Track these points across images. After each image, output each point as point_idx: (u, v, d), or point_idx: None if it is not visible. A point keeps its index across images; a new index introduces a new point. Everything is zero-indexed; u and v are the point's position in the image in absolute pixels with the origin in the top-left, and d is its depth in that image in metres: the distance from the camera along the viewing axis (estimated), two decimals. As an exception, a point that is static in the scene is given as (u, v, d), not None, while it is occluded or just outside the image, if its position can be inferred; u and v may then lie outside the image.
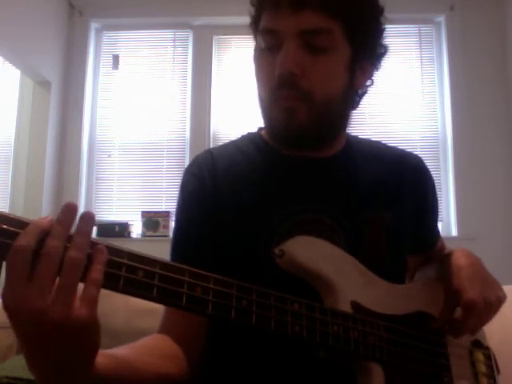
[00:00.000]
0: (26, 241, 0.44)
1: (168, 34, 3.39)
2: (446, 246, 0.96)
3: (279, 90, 0.72)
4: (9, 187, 3.07)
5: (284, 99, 0.72)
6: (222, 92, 3.27)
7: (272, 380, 0.70)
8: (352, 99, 0.79)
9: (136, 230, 3.09)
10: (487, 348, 0.79)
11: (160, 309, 0.76)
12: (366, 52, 0.76)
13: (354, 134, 0.88)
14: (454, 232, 3.03)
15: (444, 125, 3.19)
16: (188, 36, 3.36)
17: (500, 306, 0.73)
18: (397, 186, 0.82)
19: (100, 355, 0.52)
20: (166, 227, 2.97)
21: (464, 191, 3.05)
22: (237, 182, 0.78)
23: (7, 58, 2.83)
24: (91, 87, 3.32)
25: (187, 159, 3.19)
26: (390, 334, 0.66)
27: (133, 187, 3.23)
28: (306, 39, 0.70)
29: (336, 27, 0.70)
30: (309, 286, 0.66)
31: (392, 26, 3.26)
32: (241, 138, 0.87)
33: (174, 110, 3.29)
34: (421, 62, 3.26)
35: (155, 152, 3.25)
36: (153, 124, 3.27)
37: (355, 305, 0.65)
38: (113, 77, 3.35)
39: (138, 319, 1.15)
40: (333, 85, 0.74)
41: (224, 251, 0.74)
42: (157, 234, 2.99)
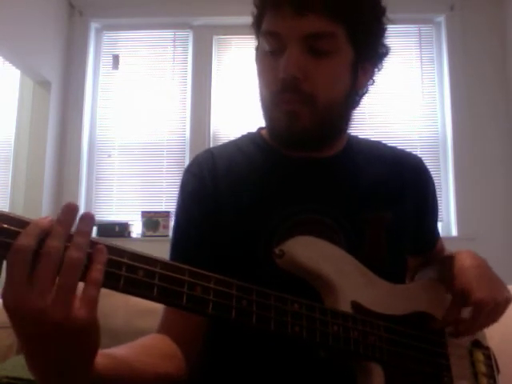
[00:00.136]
0: (27, 241, 0.44)
1: (168, 34, 3.38)
2: (446, 247, 0.96)
3: (282, 94, 0.72)
4: (9, 187, 3.07)
5: (287, 103, 0.72)
6: (222, 92, 3.26)
7: (272, 380, 0.70)
8: (354, 100, 0.79)
9: (136, 230, 3.09)
10: (487, 348, 0.79)
11: (160, 309, 0.76)
12: (368, 53, 0.76)
13: (355, 134, 0.88)
14: (454, 232, 3.03)
15: (444, 125, 3.19)
16: (188, 36, 3.36)
17: (507, 307, 0.73)
18: (397, 187, 0.82)
19: (99, 355, 0.51)
20: (166, 227, 2.97)
21: (464, 191, 3.05)
22: (237, 182, 0.78)
23: (7, 58, 2.83)
24: (91, 87, 3.32)
25: (187, 159, 3.19)
26: (390, 334, 0.66)
27: (133, 187, 3.23)
28: (310, 43, 0.69)
29: (339, 30, 0.70)
30: (309, 286, 0.66)
31: (392, 26, 3.18)
32: (241, 138, 0.87)
33: (174, 110, 3.28)
34: (421, 62, 3.25)
35: (155, 152, 3.25)
36: (153, 124, 3.27)
37: (355, 305, 0.65)
38: (113, 77, 3.35)
39: (138, 319, 1.15)
40: (336, 88, 0.73)
41: (224, 251, 0.74)
42: (157, 234, 2.99)
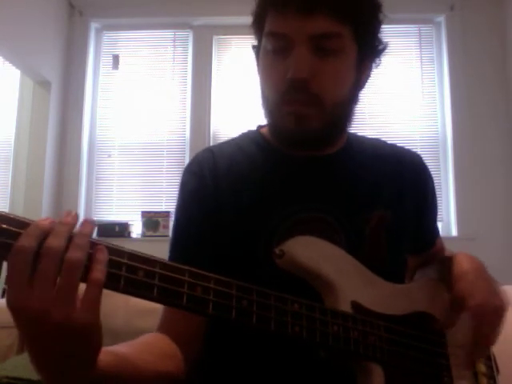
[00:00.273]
0: (28, 242, 0.44)
1: (168, 34, 3.38)
2: (446, 247, 0.96)
3: (289, 95, 0.71)
4: (9, 187, 3.07)
5: (294, 104, 0.71)
6: (222, 92, 3.26)
7: (272, 380, 0.70)
8: (356, 97, 0.79)
9: (136, 230, 3.09)
10: (487, 348, 0.79)
11: (160, 309, 0.75)
12: (370, 50, 0.77)
13: (355, 132, 0.88)
14: (454, 232, 3.03)
15: (444, 125, 3.19)
16: (188, 36, 3.35)
17: (505, 312, 0.72)
18: (397, 186, 0.82)
19: (102, 352, 0.52)
20: (166, 227, 2.97)
21: (464, 191, 3.05)
22: (238, 181, 0.77)
23: (7, 58, 2.83)
24: (91, 87, 3.32)
25: (187, 159, 3.19)
26: (390, 334, 0.66)
27: (133, 187, 3.22)
28: (316, 43, 0.69)
29: (345, 30, 0.70)
30: (309, 286, 0.66)
31: (392, 26, 3.26)
32: (241, 136, 0.87)
33: (174, 110, 3.28)
34: (421, 62, 3.25)
35: (155, 152, 3.25)
36: (153, 124, 3.26)
37: (355, 305, 0.65)
38: (113, 77, 3.35)
39: (138, 319, 1.15)
40: (342, 87, 0.74)
41: (224, 250, 0.74)
42: (157, 234, 2.99)
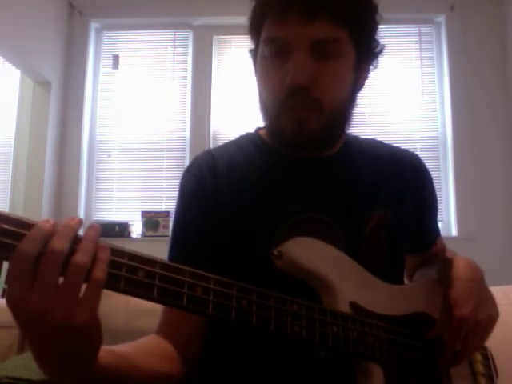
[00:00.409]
0: (32, 245, 0.44)
1: (168, 34, 3.39)
2: (448, 247, 0.96)
3: (288, 100, 0.71)
4: (9, 187, 3.07)
5: (294, 109, 0.71)
6: (222, 92, 3.26)
7: (272, 380, 0.70)
8: (355, 99, 0.79)
9: (136, 230, 3.09)
10: (485, 348, 0.79)
11: (160, 309, 0.76)
12: (368, 52, 0.77)
13: (353, 134, 0.88)
14: (454, 232, 3.03)
15: (444, 125, 3.19)
16: (188, 36, 3.36)
17: (491, 325, 0.72)
18: (397, 186, 0.82)
19: (102, 351, 0.53)
20: (166, 227, 2.97)
21: (464, 191, 3.05)
22: (237, 182, 0.78)
23: (7, 58, 2.83)
24: (91, 87, 3.32)
25: (187, 159, 3.19)
26: (390, 335, 0.66)
27: (133, 187, 3.23)
28: (315, 48, 0.69)
29: (344, 35, 0.70)
30: (309, 286, 0.66)
31: (392, 26, 3.27)
32: (240, 138, 0.87)
33: (174, 110, 3.29)
34: (421, 62, 3.25)
35: (155, 152, 3.25)
36: (153, 124, 3.27)
37: (354, 305, 0.65)
38: (113, 77, 3.35)
39: (138, 319, 1.15)
40: (341, 90, 0.74)
41: (224, 251, 0.74)
42: (157, 234, 2.99)
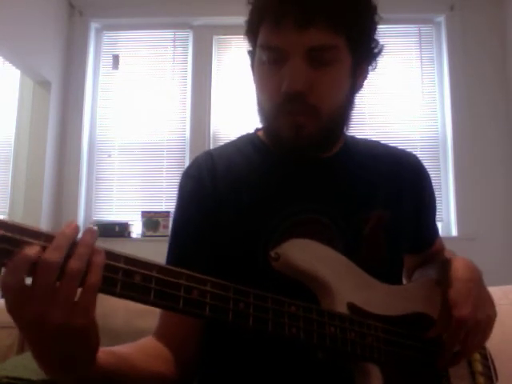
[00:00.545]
0: (31, 252, 0.44)
1: (168, 34, 3.38)
2: (447, 247, 0.96)
3: (285, 104, 0.71)
4: (9, 187, 3.07)
5: (291, 114, 0.71)
6: (222, 92, 3.26)
7: (270, 382, 0.70)
8: (353, 101, 0.79)
9: (136, 230, 3.09)
10: (484, 347, 0.79)
11: (159, 310, 0.76)
12: (366, 55, 0.77)
13: (352, 135, 0.88)
14: (454, 232, 3.03)
15: (444, 125, 3.19)
16: (188, 36, 3.36)
17: (490, 325, 0.72)
18: (395, 187, 0.82)
19: (101, 352, 0.54)
20: (166, 227, 2.97)
21: (464, 191, 3.05)
22: (236, 183, 0.78)
23: (7, 58, 2.83)
24: (91, 87, 3.32)
25: (187, 159, 3.19)
26: (388, 335, 0.66)
27: (133, 187, 3.23)
28: (311, 55, 0.69)
29: (341, 41, 0.70)
30: (307, 287, 0.66)
31: (392, 26, 3.26)
32: (239, 139, 0.87)
33: (174, 110, 3.28)
34: (421, 62, 3.25)
35: (155, 152, 3.25)
36: (153, 124, 3.27)
37: (352, 306, 0.65)
38: (113, 77, 3.35)
39: (138, 319, 1.15)
40: (338, 95, 0.74)
41: (223, 251, 0.74)
42: (157, 234, 2.99)
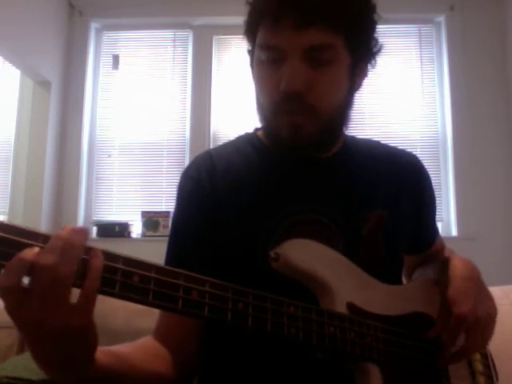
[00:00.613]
0: (29, 255, 0.44)
1: (168, 34, 3.38)
2: (447, 247, 0.96)
3: (284, 104, 0.71)
4: (9, 187, 3.07)
5: (290, 114, 0.71)
6: (222, 92, 3.26)
7: (270, 382, 0.70)
8: (352, 101, 0.79)
9: (136, 230, 3.10)
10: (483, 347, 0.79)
11: (158, 310, 0.76)
12: (364, 54, 0.77)
13: (351, 134, 0.88)
14: (454, 232, 3.03)
15: (444, 125, 3.19)
16: (188, 36, 3.36)
17: (491, 324, 0.72)
18: (394, 186, 0.82)
19: (99, 351, 0.54)
20: (166, 227, 2.97)
21: (464, 191, 3.05)
22: (235, 183, 0.78)
23: (7, 58, 2.83)
24: (91, 87, 3.32)
25: (187, 159, 3.19)
26: (387, 335, 0.66)
27: (133, 187, 3.23)
28: (310, 54, 0.69)
29: (339, 41, 0.70)
30: (306, 287, 0.66)
31: (392, 26, 3.26)
32: (238, 139, 0.87)
33: (174, 110, 3.28)
34: (421, 62, 3.25)
35: (155, 152, 3.25)
36: (153, 124, 3.27)
37: (351, 306, 0.65)
38: (113, 77, 3.35)
39: (138, 319, 1.15)
40: (337, 94, 0.74)
41: (222, 251, 0.74)
42: (157, 234, 2.99)
